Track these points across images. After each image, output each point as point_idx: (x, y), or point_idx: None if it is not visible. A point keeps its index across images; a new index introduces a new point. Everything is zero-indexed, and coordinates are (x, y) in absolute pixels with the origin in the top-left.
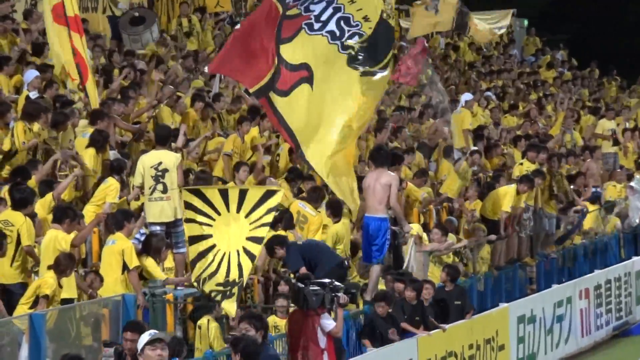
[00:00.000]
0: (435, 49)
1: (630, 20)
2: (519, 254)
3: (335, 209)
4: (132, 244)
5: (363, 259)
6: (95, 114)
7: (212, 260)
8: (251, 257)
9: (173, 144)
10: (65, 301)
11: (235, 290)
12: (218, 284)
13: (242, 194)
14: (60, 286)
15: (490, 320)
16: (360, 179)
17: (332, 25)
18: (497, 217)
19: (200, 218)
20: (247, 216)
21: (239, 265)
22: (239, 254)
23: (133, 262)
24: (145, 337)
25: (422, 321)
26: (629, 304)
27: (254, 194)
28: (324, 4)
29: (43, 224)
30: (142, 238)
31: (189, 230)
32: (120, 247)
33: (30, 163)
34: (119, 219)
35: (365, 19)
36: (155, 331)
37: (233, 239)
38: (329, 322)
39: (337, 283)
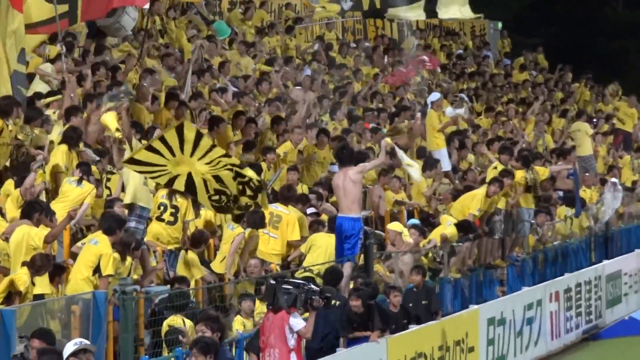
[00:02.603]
0: (409, 50)
1: (606, 25)
2: (490, 256)
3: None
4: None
5: (336, 258)
6: (69, 110)
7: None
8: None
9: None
10: (37, 297)
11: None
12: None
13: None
14: (32, 283)
15: (460, 322)
16: None
17: None
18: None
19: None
20: (200, 159)
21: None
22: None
23: (107, 270)
24: (70, 347)
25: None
26: (599, 308)
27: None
28: None
29: (14, 221)
30: None
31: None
32: (100, 250)
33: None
34: (112, 225)
35: None
36: (82, 340)
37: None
38: (297, 321)
39: (312, 286)
